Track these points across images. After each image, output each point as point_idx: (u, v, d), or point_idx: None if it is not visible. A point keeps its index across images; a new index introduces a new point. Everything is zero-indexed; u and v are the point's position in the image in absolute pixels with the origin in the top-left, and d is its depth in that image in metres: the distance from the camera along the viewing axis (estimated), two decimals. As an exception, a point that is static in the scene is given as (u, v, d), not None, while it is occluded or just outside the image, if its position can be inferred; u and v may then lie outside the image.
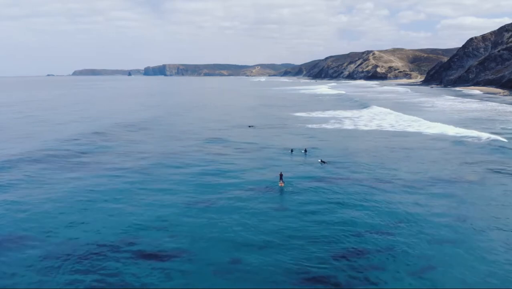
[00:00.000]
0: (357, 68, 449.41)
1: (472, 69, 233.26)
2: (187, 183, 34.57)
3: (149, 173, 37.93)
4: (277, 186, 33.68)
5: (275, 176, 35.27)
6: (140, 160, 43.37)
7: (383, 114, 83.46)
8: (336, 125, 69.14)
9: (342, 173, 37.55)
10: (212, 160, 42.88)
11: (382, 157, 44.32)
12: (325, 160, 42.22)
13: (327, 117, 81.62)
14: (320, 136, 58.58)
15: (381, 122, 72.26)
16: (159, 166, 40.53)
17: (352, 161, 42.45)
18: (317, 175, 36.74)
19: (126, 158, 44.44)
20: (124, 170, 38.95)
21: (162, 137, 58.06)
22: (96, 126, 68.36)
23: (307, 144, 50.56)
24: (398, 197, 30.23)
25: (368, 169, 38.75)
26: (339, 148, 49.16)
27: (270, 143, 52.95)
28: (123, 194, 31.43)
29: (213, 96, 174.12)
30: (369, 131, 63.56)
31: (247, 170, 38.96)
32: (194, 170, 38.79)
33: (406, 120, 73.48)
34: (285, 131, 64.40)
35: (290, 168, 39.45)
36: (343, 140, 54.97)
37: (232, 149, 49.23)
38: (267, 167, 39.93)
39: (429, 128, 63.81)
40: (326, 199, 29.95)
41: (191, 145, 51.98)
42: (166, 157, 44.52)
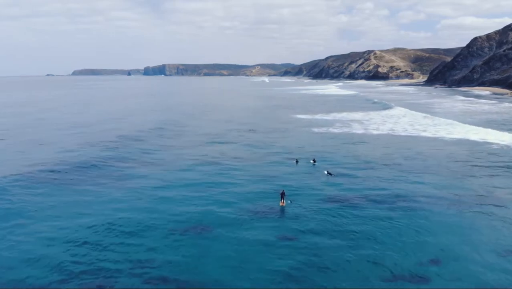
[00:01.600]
0: (358, 68, 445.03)
1: (477, 69, 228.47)
2: (176, 202, 29.65)
3: (139, 191, 33.01)
4: (278, 206, 29.16)
5: (276, 193, 30.70)
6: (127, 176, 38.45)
7: (410, 117, 78.30)
8: (346, 129, 64.22)
9: (355, 188, 32.65)
10: (206, 172, 37.94)
11: (399, 167, 39.38)
12: (333, 172, 37.50)
13: (362, 120, 76.64)
14: (329, 142, 53.64)
15: (394, 126, 67.11)
16: (142, 178, 35.64)
17: (365, 172, 37.55)
18: (325, 192, 31.82)
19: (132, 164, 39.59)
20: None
21: (150, 144, 53.02)
22: (116, 131, 63.38)
23: (316, 152, 45.62)
24: (425, 223, 25.32)
25: (384, 183, 33.85)
26: (350, 156, 44.34)
27: (273, 150, 48.09)
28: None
29: (214, 97, 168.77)
30: (380, 136, 58.56)
31: (244, 184, 34.12)
32: (184, 184, 33.91)
33: (423, 125, 68.06)
34: (289, 135, 59.42)
35: (294, 182, 34.69)
36: (354, 146, 50.05)
37: (230, 157, 44.25)
38: (267, 181, 35.12)
39: (447, 133, 58.68)
40: (336, 226, 24.99)
41: (184, 152, 46.98)
42: (153, 168, 39.61)
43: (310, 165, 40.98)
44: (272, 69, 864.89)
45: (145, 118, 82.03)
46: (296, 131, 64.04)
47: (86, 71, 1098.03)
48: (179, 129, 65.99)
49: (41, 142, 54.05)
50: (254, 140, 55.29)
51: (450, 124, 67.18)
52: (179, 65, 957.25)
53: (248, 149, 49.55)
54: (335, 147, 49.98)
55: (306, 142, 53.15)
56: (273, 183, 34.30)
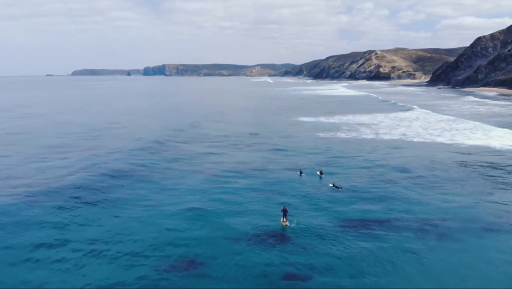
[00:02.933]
0: (359, 68, 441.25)
1: (481, 69, 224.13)
2: (161, 226, 25.20)
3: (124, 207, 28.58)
4: (280, 225, 25.14)
5: (277, 211, 26.42)
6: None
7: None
8: (354, 134, 59.61)
9: (370, 208, 28.11)
10: (198, 186, 33.43)
11: (418, 180, 34.82)
12: (340, 184, 33.19)
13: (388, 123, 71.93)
14: (342, 148, 49.07)
15: (407, 130, 62.41)
16: (130, 193, 31.25)
17: (380, 187, 33.04)
18: (336, 212, 27.34)
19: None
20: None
21: (144, 149, 48.47)
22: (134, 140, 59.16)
23: (325, 161, 41.08)
24: (463, 258, 20.87)
25: (404, 202, 29.32)
26: (362, 165, 39.85)
27: (274, 158, 43.59)
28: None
29: (214, 98, 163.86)
30: (392, 141, 53.83)
31: (242, 201, 29.73)
32: (173, 202, 29.47)
33: (437, 129, 63.27)
34: (296, 140, 54.77)
35: (298, 198, 30.32)
36: (366, 154, 45.44)
37: (226, 167, 39.65)
38: (268, 196, 30.80)
39: (466, 138, 54.08)
40: (353, 261, 20.48)
41: (179, 159, 42.50)
42: (143, 180, 35.16)
43: (316, 177, 36.51)
44: (272, 69, 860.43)
45: (144, 124, 77.66)
46: (305, 136, 59.53)
47: (86, 71, 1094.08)
48: (174, 134, 61.48)
49: (74, 146, 51.05)
50: (254, 147, 50.76)
51: (467, 128, 62.67)
52: (179, 65, 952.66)
53: (248, 156, 45.04)
54: (348, 154, 45.63)
55: (316, 149, 48.82)
56: (274, 199, 29.98)
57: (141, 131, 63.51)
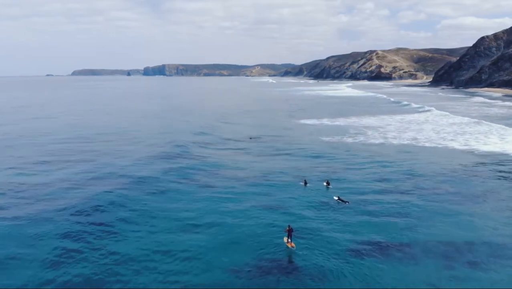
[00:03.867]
0: (360, 68, 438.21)
1: (485, 69, 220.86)
2: (143, 260, 22.00)
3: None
4: (284, 247, 22.17)
5: (281, 228, 23.47)
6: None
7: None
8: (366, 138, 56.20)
9: (382, 227, 24.89)
10: (194, 200, 30.17)
11: (436, 195, 31.37)
12: (345, 197, 30.02)
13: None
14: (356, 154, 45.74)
15: (417, 135, 58.81)
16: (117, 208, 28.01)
17: (390, 200, 29.81)
18: (348, 233, 24.12)
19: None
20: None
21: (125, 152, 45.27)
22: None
23: (333, 169, 37.75)
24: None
25: (420, 221, 26.01)
26: (372, 174, 36.59)
27: (277, 166, 40.16)
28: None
29: (215, 99, 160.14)
30: (402, 146, 50.53)
31: (241, 216, 26.58)
32: (165, 217, 26.25)
33: (449, 133, 59.80)
34: (298, 146, 51.45)
35: (303, 214, 27.09)
36: (376, 162, 42.21)
37: (223, 177, 36.32)
38: (269, 211, 27.64)
39: (480, 143, 50.66)
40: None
41: (173, 167, 39.20)
42: (139, 188, 31.91)
43: (322, 187, 33.25)
44: (272, 69, 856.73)
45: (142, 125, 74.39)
46: (309, 140, 56.20)
47: (86, 71, 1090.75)
48: (170, 138, 58.23)
49: (89, 151, 48.19)
50: (255, 153, 47.35)
51: (481, 132, 59.29)
52: (179, 65, 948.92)
53: (248, 163, 41.54)
54: (355, 161, 42.24)
55: (321, 155, 45.57)
56: (277, 215, 26.82)
57: (149, 136, 60.47)
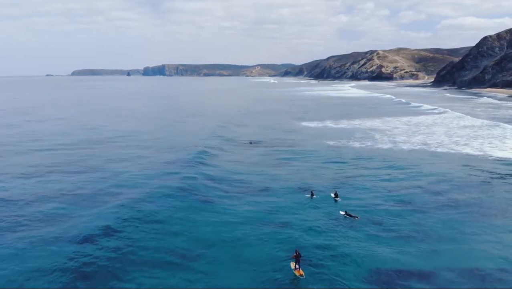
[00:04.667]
0: (360, 68, 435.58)
1: (488, 69, 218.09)
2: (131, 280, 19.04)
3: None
4: (291, 274, 19.39)
5: (286, 251, 20.68)
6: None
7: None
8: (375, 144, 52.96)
9: (399, 250, 22.01)
10: (184, 216, 27.15)
11: (455, 208, 28.45)
12: (354, 212, 27.05)
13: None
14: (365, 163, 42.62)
15: (427, 138, 55.59)
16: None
17: (406, 215, 26.89)
18: (357, 256, 21.21)
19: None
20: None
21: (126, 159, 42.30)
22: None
23: (341, 178, 34.67)
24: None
25: (443, 242, 23.08)
26: (384, 185, 33.56)
27: (279, 174, 37.16)
28: None
29: (216, 100, 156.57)
30: (413, 152, 47.44)
31: (240, 236, 23.65)
32: (151, 237, 23.25)
33: (462, 136, 56.54)
34: (303, 152, 48.40)
35: (310, 232, 24.19)
36: (387, 170, 39.16)
37: (223, 188, 33.32)
38: (273, 228, 24.71)
39: (496, 149, 47.54)
40: None
41: (165, 174, 36.19)
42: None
43: (330, 200, 30.24)
44: (272, 69, 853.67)
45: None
46: (314, 145, 53.17)
47: (86, 71, 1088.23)
48: (169, 139, 55.23)
49: (111, 158, 45.74)
50: (255, 159, 44.20)
51: (495, 136, 56.23)
52: (179, 65, 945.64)
53: (247, 172, 38.31)
54: (363, 168, 39.26)
55: (328, 163, 42.51)
56: (281, 234, 23.80)
57: (155, 140, 57.58)
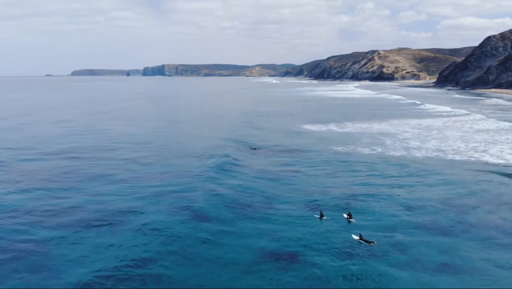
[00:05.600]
0: (361, 69, 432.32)
1: (492, 70, 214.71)
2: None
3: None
4: None
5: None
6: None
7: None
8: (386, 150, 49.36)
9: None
10: (171, 239, 23.52)
11: (486, 230, 24.79)
12: (369, 237, 23.49)
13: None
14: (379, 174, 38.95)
15: (441, 144, 52.01)
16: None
17: (431, 241, 23.27)
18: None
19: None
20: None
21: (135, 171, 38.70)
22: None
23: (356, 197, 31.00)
24: None
25: (482, 276, 19.53)
26: (396, 200, 29.92)
27: (282, 189, 33.37)
28: None
29: (217, 101, 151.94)
30: (428, 160, 43.59)
31: (235, 271, 19.98)
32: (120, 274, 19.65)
33: (479, 142, 52.64)
34: (307, 160, 44.68)
35: (322, 266, 20.49)
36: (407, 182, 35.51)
37: (218, 203, 29.56)
38: (275, 260, 21.10)
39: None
40: None
41: (157, 189, 32.60)
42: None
43: (342, 221, 26.53)
44: (272, 69, 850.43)
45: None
46: (319, 151, 49.50)
47: (85, 71, 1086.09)
48: (165, 145, 51.57)
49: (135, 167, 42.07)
50: (255, 168, 40.30)
51: (491, 143, 52.54)
52: (178, 65, 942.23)
53: (246, 185, 34.45)
54: (376, 180, 35.55)
55: (336, 173, 38.74)
56: (287, 270, 20.11)
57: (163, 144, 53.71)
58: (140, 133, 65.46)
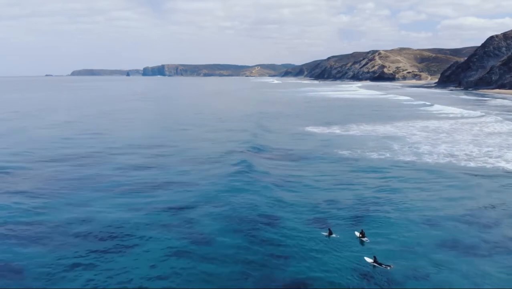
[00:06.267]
0: (362, 69, 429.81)
1: (495, 70, 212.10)
2: None
3: None
4: None
5: None
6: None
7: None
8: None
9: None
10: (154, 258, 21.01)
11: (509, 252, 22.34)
12: (383, 259, 20.89)
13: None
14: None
15: (453, 148, 49.41)
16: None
17: (456, 263, 20.75)
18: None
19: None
20: None
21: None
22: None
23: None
24: None
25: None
26: (410, 214, 27.26)
27: (284, 200, 30.59)
28: None
29: (218, 102, 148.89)
30: (440, 166, 40.83)
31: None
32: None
33: (493, 146, 49.84)
34: (312, 167, 42.11)
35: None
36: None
37: (217, 222, 26.98)
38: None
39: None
40: None
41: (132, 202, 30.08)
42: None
43: (354, 240, 23.87)
44: (272, 69, 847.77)
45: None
46: (324, 156, 46.86)
47: (85, 71, 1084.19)
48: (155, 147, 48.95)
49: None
50: (255, 177, 37.61)
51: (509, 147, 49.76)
52: (178, 65, 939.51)
53: (244, 197, 31.62)
54: (387, 191, 32.78)
55: (346, 183, 36.07)
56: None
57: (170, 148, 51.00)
58: (145, 136, 62.94)
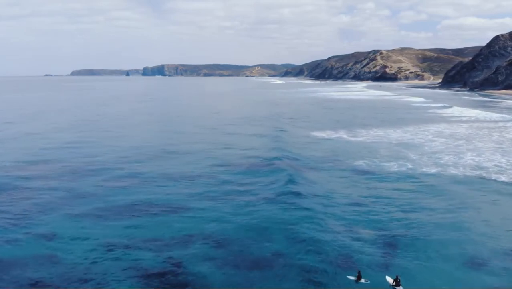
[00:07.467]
0: (363, 69, 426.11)
1: (501, 70, 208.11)
2: None
3: None
4: None
5: None
6: None
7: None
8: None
9: None
10: None
11: None
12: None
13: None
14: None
15: (479, 158, 44.75)
16: None
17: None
18: None
19: None
20: None
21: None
22: None
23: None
24: None
25: None
26: (452, 251, 22.67)
27: (301, 228, 25.66)
28: None
29: (219, 103, 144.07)
30: (472, 183, 35.71)
31: None
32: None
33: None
34: (324, 181, 37.44)
35: None
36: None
37: (217, 258, 22.39)
38: None
39: None
40: None
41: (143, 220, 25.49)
42: None
43: (385, 286, 19.27)
44: (272, 69, 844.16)
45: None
46: (338, 168, 42.20)
47: (85, 71, 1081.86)
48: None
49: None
50: (260, 197, 32.74)
51: None
52: (178, 65, 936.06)
53: (248, 220, 27.02)
54: (414, 216, 27.96)
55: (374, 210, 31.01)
56: None
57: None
58: (156, 141, 58.78)
